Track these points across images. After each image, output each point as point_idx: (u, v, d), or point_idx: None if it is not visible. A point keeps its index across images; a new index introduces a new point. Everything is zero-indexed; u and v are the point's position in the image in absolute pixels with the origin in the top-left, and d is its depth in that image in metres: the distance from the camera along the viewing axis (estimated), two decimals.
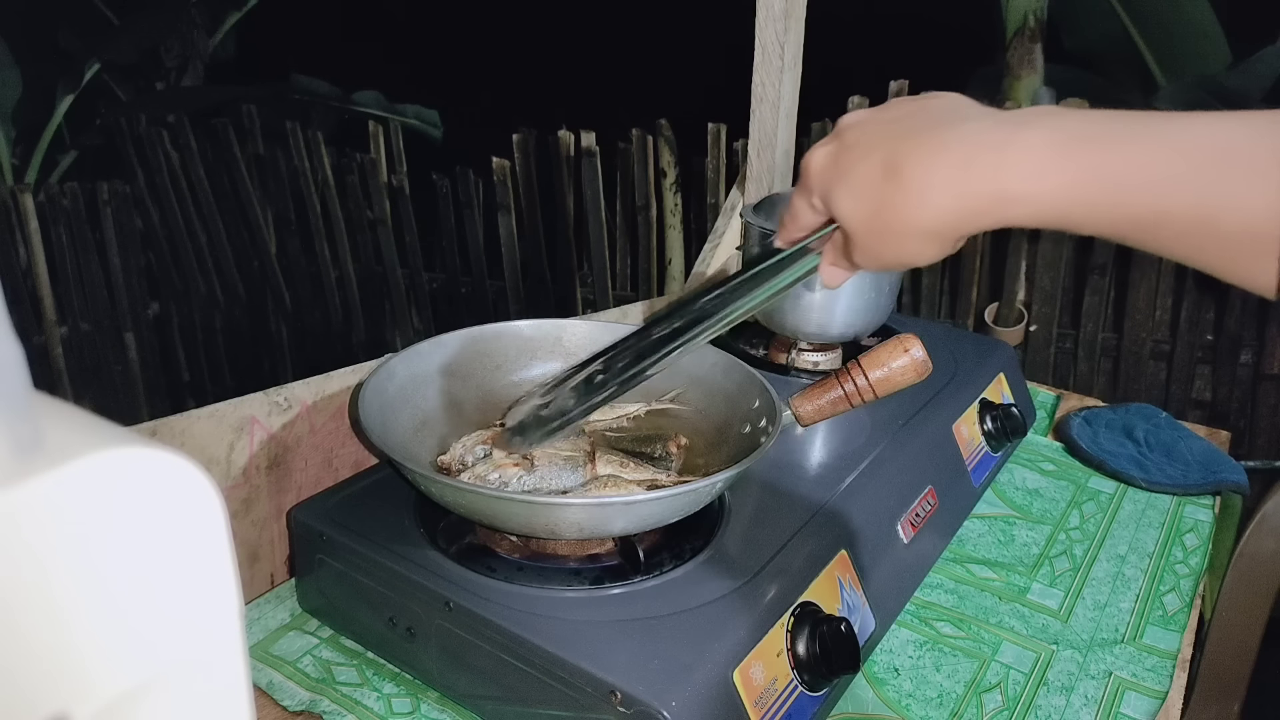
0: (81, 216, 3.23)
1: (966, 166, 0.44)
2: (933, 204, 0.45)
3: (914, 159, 0.45)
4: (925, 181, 0.45)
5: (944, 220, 0.46)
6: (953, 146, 0.45)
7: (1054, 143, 0.42)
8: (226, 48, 4.14)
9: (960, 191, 0.44)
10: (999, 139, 0.44)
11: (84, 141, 3.84)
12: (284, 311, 3.45)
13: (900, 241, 0.48)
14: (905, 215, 0.46)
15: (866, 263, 0.51)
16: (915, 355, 0.75)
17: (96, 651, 0.20)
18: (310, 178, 3.21)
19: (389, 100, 3.84)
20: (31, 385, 0.20)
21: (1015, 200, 0.43)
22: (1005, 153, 0.43)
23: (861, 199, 0.48)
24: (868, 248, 0.50)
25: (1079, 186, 0.42)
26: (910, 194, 0.46)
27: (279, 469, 0.79)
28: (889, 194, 0.47)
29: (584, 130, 2.80)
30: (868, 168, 0.48)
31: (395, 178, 3.14)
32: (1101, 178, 0.41)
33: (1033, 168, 0.43)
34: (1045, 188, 0.42)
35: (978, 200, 0.44)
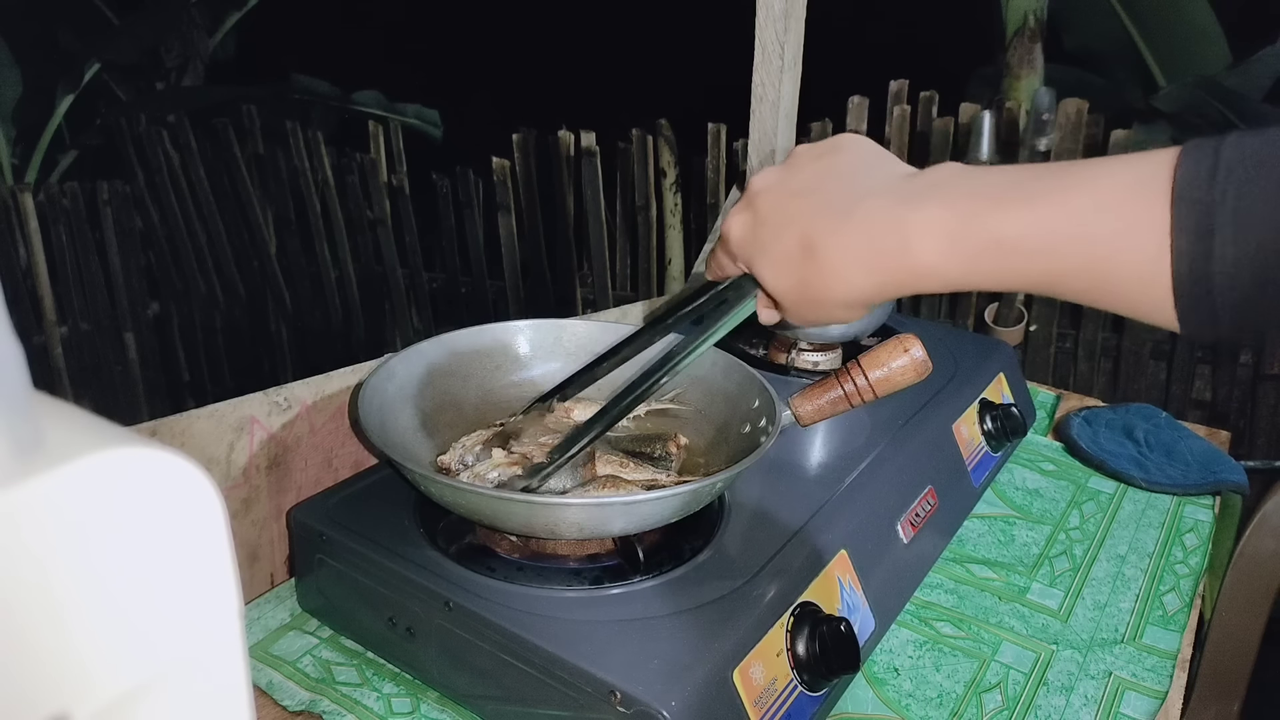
0: (81, 216, 3.23)
1: (874, 247, 0.47)
2: (850, 281, 0.49)
3: (827, 240, 0.49)
4: (840, 261, 0.48)
5: (862, 293, 0.49)
6: (860, 227, 0.48)
7: (946, 221, 0.45)
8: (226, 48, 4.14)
9: (873, 269, 0.48)
10: (898, 218, 0.46)
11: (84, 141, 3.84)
12: (284, 311, 3.46)
13: (824, 310, 0.52)
14: (826, 291, 0.50)
15: (795, 321, 0.55)
16: (915, 355, 0.75)
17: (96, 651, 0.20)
18: (310, 178, 3.21)
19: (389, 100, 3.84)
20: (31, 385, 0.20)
21: (924, 275, 0.46)
22: (906, 235, 0.46)
23: (783, 274, 0.52)
24: (795, 313, 0.54)
25: (977, 260, 0.44)
26: (828, 273, 0.49)
27: (279, 469, 0.79)
28: (809, 272, 0.50)
29: (584, 130, 2.80)
30: (785, 245, 0.51)
31: (395, 178, 3.14)
32: (995, 251, 0.44)
33: (931, 248, 0.45)
34: (947, 264, 0.45)
35: (890, 275, 0.47)
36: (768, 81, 1.17)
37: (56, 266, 3.22)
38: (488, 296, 3.18)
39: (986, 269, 0.44)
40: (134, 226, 3.42)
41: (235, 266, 3.46)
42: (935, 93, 2.46)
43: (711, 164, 2.71)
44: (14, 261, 3.15)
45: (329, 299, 3.36)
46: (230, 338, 3.57)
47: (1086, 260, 0.42)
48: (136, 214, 3.43)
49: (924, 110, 2.46)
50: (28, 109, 3.70)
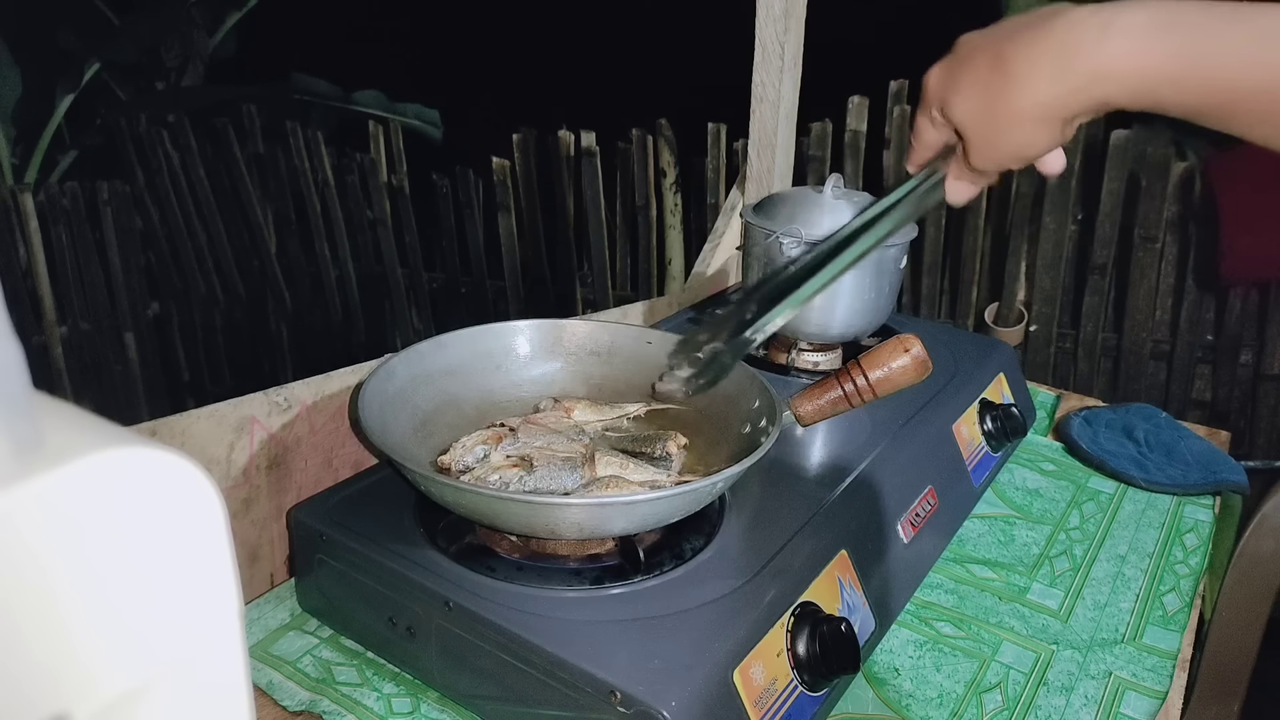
0: (81, 216, 3.23)
1: (1067, 47, 0.48)
2: (1036, 86, 0.49)
3: (1018, 49, 0.49)
4: (1028, 66, 0.49)
5: (1048, 101, 0.49)
6: (1056, 32, 0.48)
7: (1152, 21, 0.46)
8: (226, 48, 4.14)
9: (1061, 71, 0.48)
10: (1102, 20, 0.47)
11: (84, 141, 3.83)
12: (284, 311, 3.45)
13: (1011, 131, 0.51)
14: (1013, 101, 0.50)
15: (984, 162, 0.54)
16: (915, 355, 0.75)
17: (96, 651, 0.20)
18: (310, 178, 3.21)
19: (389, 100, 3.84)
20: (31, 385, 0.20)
21: (1111, 77, 0.47)
22: (1107, 31, 0.46)
23: (972, 96, 0.52)
24: (983, 143, 0.53)
25: (1172, 62, 0.45)
26: (1015, 81, 0.49)
27: (279, 469, 0.79)
28: (997, 85, 0.50)
29: (584, 130, 2.80)
30: (976, 67, 0.51)
31: (395, 178, 3.14)
32: (1192, 55, 0.44)
33: (1130, 44, 0.46)
34: (1140, 64, 0.46)
35: (1077, 78, 0.48)
36: (768, 81, 1.17)
37: (56, 266, 3.22)
38: (488, 296, 3.18)
39: (1175, 76, 0.45)
40: (134, 226, 3.41)
41: (235, 266, 3.46)
42: None
43: (711, 164, 2.71)
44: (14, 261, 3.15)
45: (329, 299, 3.36)
46: (230, 338, 3.57)
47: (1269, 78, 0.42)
48: (136, 214, 3.43)
49: None
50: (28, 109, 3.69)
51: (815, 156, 2.53)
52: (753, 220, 0.98)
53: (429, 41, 4.92)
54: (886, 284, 0.97)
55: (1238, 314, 2.26)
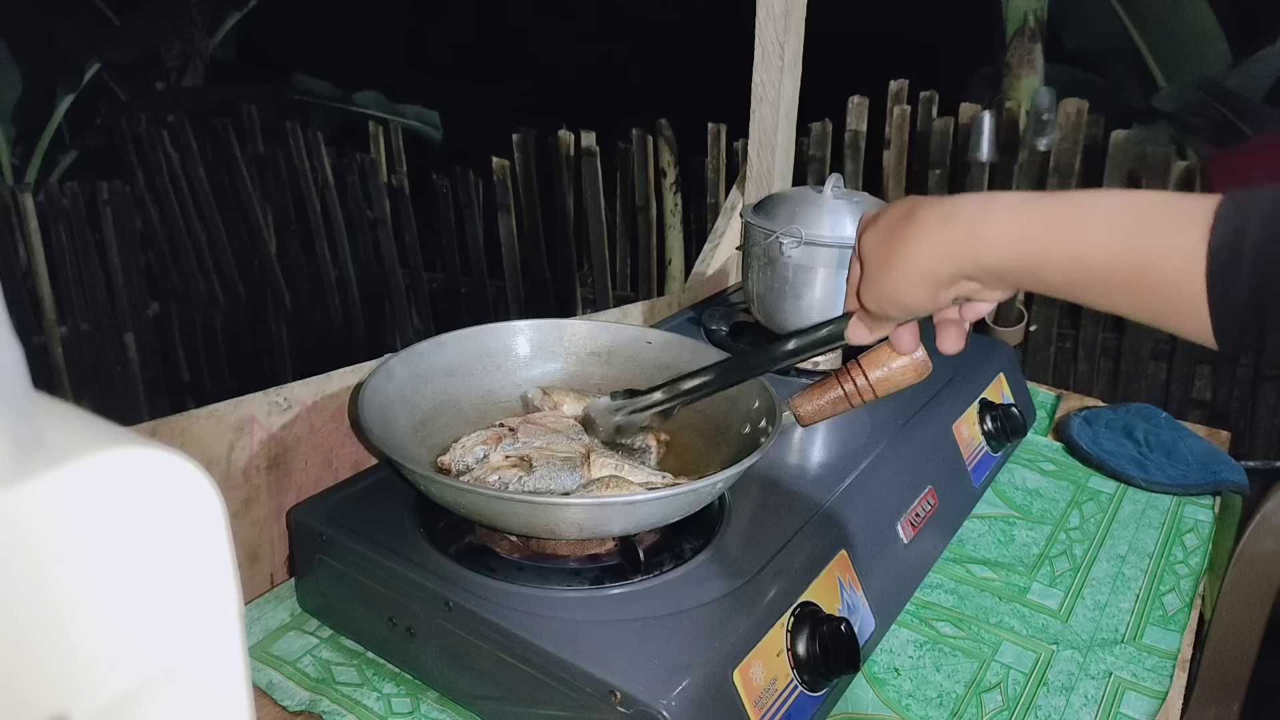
0: (81, 216, 3.23)
1: (956, 214, 0.55)
2: (926, 238, 0.56)
3: (924, 207, 0.57)
4: (924, 221, 0.56)
5: (932, 255, 0.55)
6: (953, 201, 0.56)
7: (1022, 198, 0.53)
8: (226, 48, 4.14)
9: (947, 232, 0.55)
10: (985, 197, 0.55)
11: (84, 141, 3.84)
12: (284, 311, 3.46)
13: (892, 275, 0.58)
14: (905, 245, 0.57)
15: (869, 299, 0.61)
16: (915, 355, 0.75)
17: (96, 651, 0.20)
18: (310, 178, 3.21)
19: (389, 101, 3.84)
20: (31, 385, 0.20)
21: (987, 242, 0.53)
22: (986, 204, 0.54)
23: (879, 231, 0.59)
24: (872, 278, 0.60)
25: (1038, 229, 0.51)
26: (911, 230, 0.56)
27: (279, 469, 0.79)
28: (899, 228, 0.57)
29: (584, 130, 2.80)
30: (894, 214, 0.59)
31: (395, 178, 3.14)
32: (1055, 223, 0.51)
33: (1003, 214, 0.53)
34: (1008, 228, 0.52)
35: (958, 241, 0.54)
36: (768, 81, 1.17)
37: (56, 266, 3.22)
38: (488, 296, 3.18)
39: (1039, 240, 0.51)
40: (134, 226, 3.42)
41: (235, 266, 3.46)
42: (935, 93, 2.46)
43: (711, 164, 2.71)
44: (14, 261, 3.15)
45: (329, 299, 3.36)
46: (230, 338, 3.57)
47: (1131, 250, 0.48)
48: (136, 214, 3.43)
49: (924, 110, 2.46)
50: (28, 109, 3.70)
51: (815, 156, 2.53)
52: (753, 220, 0.98)
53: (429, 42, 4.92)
54: None
55: None
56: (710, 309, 1.16)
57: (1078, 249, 0.50)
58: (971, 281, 0.56)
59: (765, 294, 0.99)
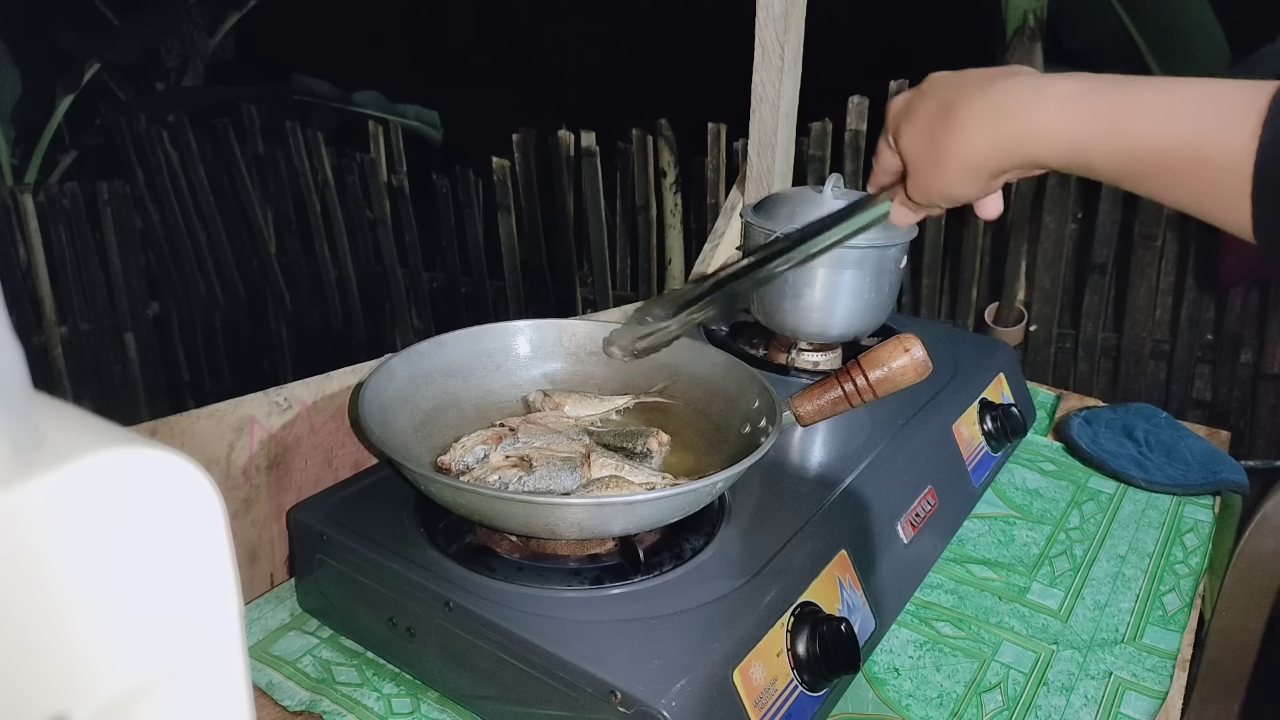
0: (81, 216, 3.22)
1: (1004, 108, 0.53)
2: (973, 136, 0.54)
3: (964, 100, 0.55)
4: (968, 116, 0.54)
5: (978, 153, 0.54)
6: (997, 93, 0.54)
7: (1076, 90, 0.51)
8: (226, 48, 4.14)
9: (995, 128, 0.53)
10: (1034, 86, 0.53)
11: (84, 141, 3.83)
12: (284, 311, 3.45)
13: (944, 173, 0.57)
14: (951, 145, 0.55)
15: (919, 195, 0.60)
16: (915, 355, 0.75)
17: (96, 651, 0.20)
18: (310, 178, 3.21)
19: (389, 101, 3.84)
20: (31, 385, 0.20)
21: (1040, 137, 0.51)
22: (1037, 96, 0.52)
23: (919, 133, 0.58)
24: (919, 178, 0.59)
25: (1093, 123, 0.50)
26: (956, 128, 0.55)
27: (279, 469, 0.79)
28: (941, 127, 0.56)
29: (584, 130, 2.80)
30: (929, 108, 0.57)
31: (395, 178, 3.14)
32: (1112, 118, 0.49)
33: (1057, 108, 0.51)
34: (1062, 124, 0.51)
35: (1008, 137, 0.53)
36: (768, 81, 1.17)
37: (56, 267, 3.21)
38: (488, 296, 3.18)
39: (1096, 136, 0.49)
40: (134, 227, 3.41)
41: (235, 266, 3.46)
42: None
43: (711, 164, 2.71)
44: (14, 262, 3.15)
45: (329, 299, 3.36)
46: (230, 338, 3.56)
47: (1188, 142, 0.46)
48: (136, 214, 3.43)
49: None
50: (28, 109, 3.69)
51: (815, 156, 2.53)
52: (753, 220, 0.98)
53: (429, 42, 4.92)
54: (886, 284, 0.97)
55: (1238, 313, 2.26)
56: None
57: (1131, 142, 0.49)
58: (1021, 169, 0.55)
59: (765, 294, 0.99)
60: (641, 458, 0.77)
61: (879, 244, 0.94)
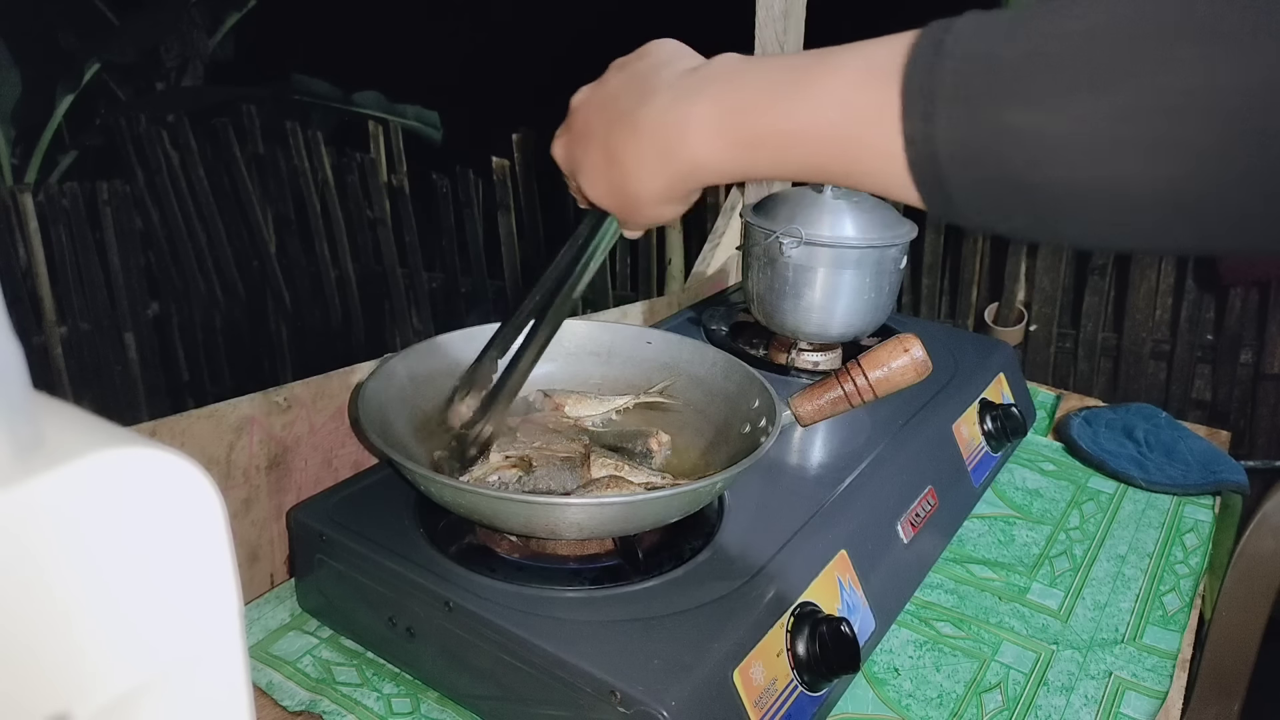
0: (81, 216, 3.22)
1: (657, 148, 0.52)
2: (649, 181, 0.54)
3: (622, 147, 0.54)
4: (635, 166, 0.54)
5: (663, 190, 0.54)
6: (644, 131, 0.53)
7: (712, 117, 0.49)
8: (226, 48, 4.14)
9: (660, 168, 0.53)
10: (674, 117, 0.51)
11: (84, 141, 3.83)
12: (284, 311, 3.45)
13: (642, 209, 0.57)
14: (634, 191, 0.55)
15: (632, 228, 0.62)
16: (915, 355, 0.75)
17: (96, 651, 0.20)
18: (310, 178, 3.21)
19: (389, 101, 3.84)
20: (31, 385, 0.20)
21: (700, 167, 0.51)
22: (681, 131, 0.51)
23: (599, 184, 0.57)
24: (624, 218, 0.60)
25: (742, 151, 0.49)
26: (630, 177, 0.54)
27: (279, 469, 0.79)
28: (616, 179, 0.55)
29: None
30: (594, 159, 0.56)
31: (395, 178, 3.14)
32: (757, 144, 0.48)
33: (703, 141, 0.50)
34: (718, 157, 0.50)
35: (675, 172, 0.52)
36: None
37: (56, 267, 3.21)
38: (488, 297, 3.18)
39: (752, 160, 0.49)
40: (134, 226, 3.41)
41: (235, 266, 3.46)
42: None
43: None
44: (14, 261, 3.15)
45: (329, 299, 3.36)
46: (230, 338, 3.56)
47: (837, 148, 0.45)
48: (136, 214, 3.43)
49: None
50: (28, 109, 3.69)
51: None
52: (753, 220, 0.98)
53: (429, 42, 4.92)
54: (886, 284, 0.97)
55: (1238, 314, 2.26)
56: (710, 309, 1.16)
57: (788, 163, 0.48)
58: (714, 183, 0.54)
59: (765, 294, 0.99)
60: (641, 458, 0.77)
61: (879, 244, 0.94)
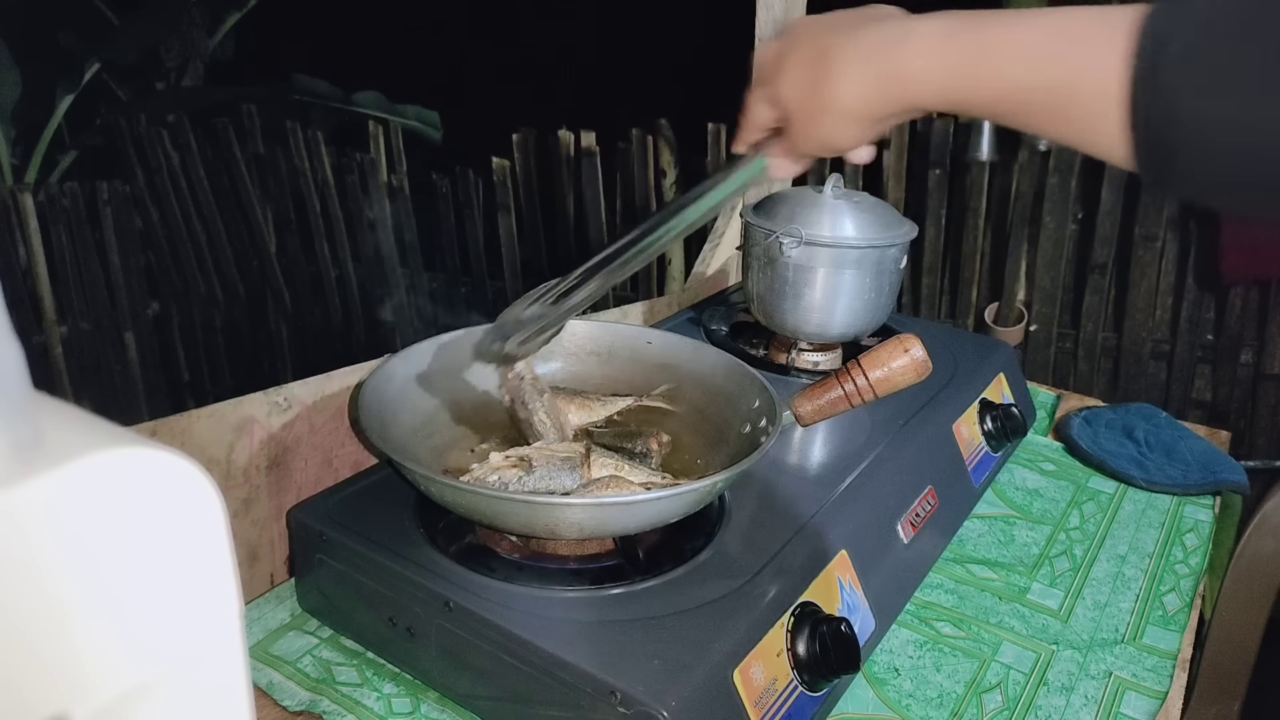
0: (81, 216, 3.22)
1: (875, 53, 0.53)
2: (849, 82, 0.54)
3: (838, 48, 0.55)
4: (845, 62, 0.54)
5: (857, 100, 0.55)
6: (869, 39, 0.54)
7: (941, 31, 0.51)
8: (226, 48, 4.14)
9: (870, 73, 0.54)
10: (902, 30, 0.53)
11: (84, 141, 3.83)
12: (284, 311, 3.45)
13: (825, 120, 0.57)
14: (829, 92, 0.55)
15: (800, 143, 0.60)
16: (915, 355, 0.75)
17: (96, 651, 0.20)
18: (310, 178, 3.21)
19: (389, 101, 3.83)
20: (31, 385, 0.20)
21: (911, 80, 0.52)
22: (905, 41, 0.52)
23: (798, 81, 0.57)
24: (801, 126, 0.59)
25: (961, 65, 0.50)
26: (833, 74, 0.55)
27: (279, 469, 0.79)
28: (819, 75, 0.56)
29: (584, 130, 2.80)
30: (803, 55, 0.57)
31: (395, 178, 3.14)
32: (979, 56, 0.49)
33: (924, 52, 0.51)
34: (934, 67, 0.51)
35: (882, 81, 0.53)
36: None
37: (56, 266, 3.21)
38: (488, 296, 3.18)
39: (965, 75, 0.50)
40: (134, 227, 3.41)
41: (235, 266, 3.46)
42: None
43: (711, 164, 2.71)
44: (14, 261, 3.15)
45: (329, 299, 3.36)
46: (230, 338, 3.56)
47: (1056, 75, 0.46)
48: (136, 214, 3.43)
49: None
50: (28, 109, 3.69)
51: None
52: (753, 220, 0.98)
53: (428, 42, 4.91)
54: (886, 284, 0.97)
55: (1238, 314, 2.25)
56: (710, 309, 1.16)
57: (999, 81, 0.49)
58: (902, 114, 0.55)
59: (765, 294, 0.99)
60: (641, 458, 0.77)
61: (879, 244, 0.94)
